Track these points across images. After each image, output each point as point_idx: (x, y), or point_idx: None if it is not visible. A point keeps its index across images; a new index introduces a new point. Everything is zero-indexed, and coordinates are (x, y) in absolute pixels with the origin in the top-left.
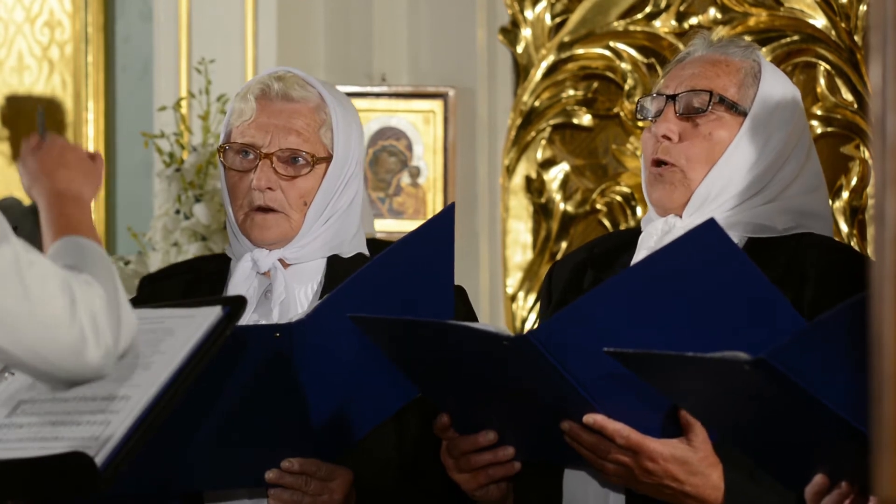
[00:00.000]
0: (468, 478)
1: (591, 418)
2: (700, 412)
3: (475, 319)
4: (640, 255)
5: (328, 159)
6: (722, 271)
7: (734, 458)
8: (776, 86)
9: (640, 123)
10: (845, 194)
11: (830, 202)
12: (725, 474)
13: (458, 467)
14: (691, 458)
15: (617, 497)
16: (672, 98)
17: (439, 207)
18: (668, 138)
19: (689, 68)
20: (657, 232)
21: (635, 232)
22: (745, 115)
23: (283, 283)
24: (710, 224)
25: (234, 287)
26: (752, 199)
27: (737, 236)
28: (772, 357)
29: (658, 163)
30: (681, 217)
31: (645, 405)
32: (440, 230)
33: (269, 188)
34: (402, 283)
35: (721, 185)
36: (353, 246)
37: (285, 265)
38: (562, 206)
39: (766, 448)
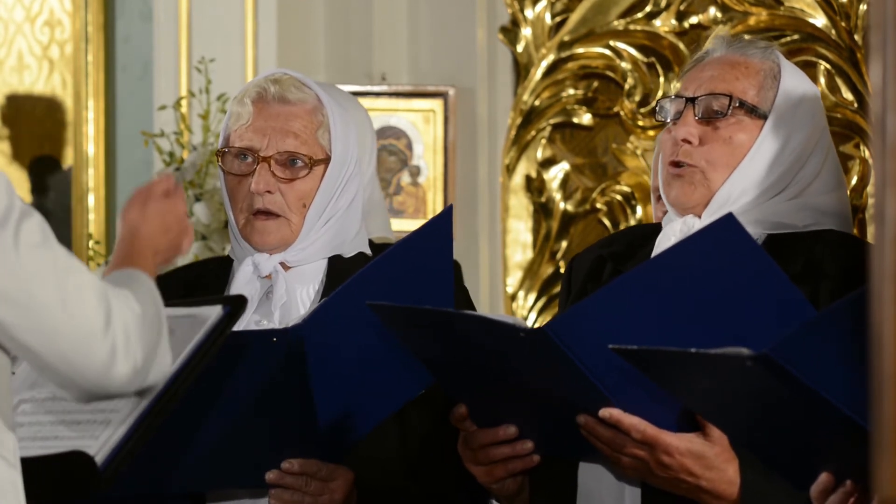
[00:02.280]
0: (485, 470)
1: (606, 412)
2: (704, 409)
3: (468, 296)
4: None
5: (326, 161)
6: (740, 266)
7: (750, 454)
8: (796, 86)
9: (640, 122)
10: None
11: None
12: (741, 470)
13: (476, 460)
14: (707, 452)
15: (632, 490)
16: (691, 101)
17: (439, 206)
18: (688, 142)
19: (709, 70)
20: (675, 232)
21: (656, 227)
22: (765, 117)
23: (283, 286)
24: (729, 219)
25: (236, 290)
26: (772, 199)
27: (756, 233)
28: (774, 352)
29: (677, 165)
30: (699, 218)
31: (661, 399)
32: (439, 232)
33: (268, 191)
34: (400, 286)
35: (742, 188)
36: (354, 246)
37: (286, 268)
38: (562, 205)
39: (771, 446)
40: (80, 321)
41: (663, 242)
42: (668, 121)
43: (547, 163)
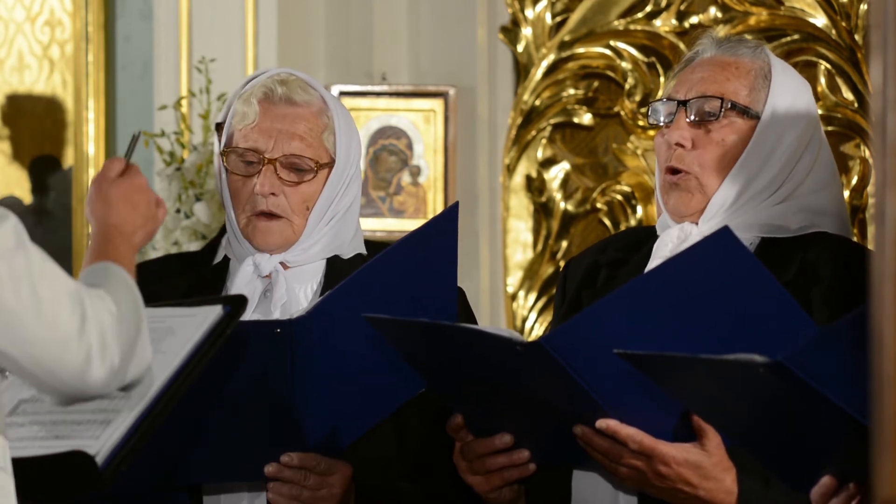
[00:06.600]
0: (482, 480)
1: (603, 423)
2: (710, 414)
3: (474, 321)
4: (654, 263)
5: (331, 164)
6: (736, 279)
7: (747, 463)
8: (787, 84)
9: (641, 122)
10: (846, 193)
11: None
12: (738, 479)
13: (473, 469)
14: (705, 462)
15: (627, 499)
16: (683, 104)
17: (440, 206)
18: (682, 146)
19: (699, 72)
20: (673, 240)
21: (650, 231)
22: (757, 117)
23: (283, 286)
24: (725, 232)
25: (236, 290)
26: (766, 201)
27: (750, 237)
28: (788, 360)
29: (672, 170)
30: (696, 224)
31: (658, 410)
32: (443, 229)
33: (273, 193)
34: (404, 282)
35: (737, 191)
36: (352, 247)
37: (286, 267)
38: (562, 205)
39: (774, 450)
40: (55, 327)
41: (660, 249)
42: (661, 123)
43: (547, 163)
